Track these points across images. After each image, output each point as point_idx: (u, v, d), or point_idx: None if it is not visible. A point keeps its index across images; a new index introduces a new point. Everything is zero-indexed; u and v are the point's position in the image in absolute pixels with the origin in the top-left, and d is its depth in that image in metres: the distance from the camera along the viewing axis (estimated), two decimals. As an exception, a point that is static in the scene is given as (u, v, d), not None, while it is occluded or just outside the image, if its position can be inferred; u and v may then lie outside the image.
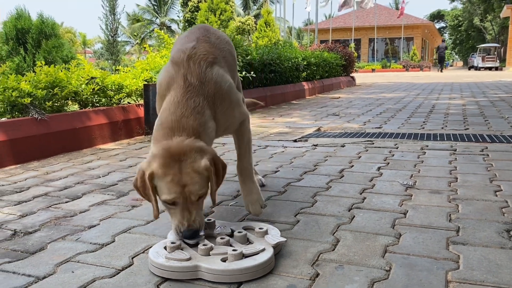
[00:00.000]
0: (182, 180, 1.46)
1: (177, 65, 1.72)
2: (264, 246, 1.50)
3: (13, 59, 7.08)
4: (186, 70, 1.70)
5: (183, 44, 1.85)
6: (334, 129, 4.68)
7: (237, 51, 6.54)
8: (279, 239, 1.54)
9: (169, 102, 1.64)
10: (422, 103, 7.56)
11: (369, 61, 44.73)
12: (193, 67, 1.71)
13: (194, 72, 1.70)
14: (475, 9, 59.31)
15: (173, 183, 1.46)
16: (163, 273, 1.40)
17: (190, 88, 1.66)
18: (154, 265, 1.43)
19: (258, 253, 1.45)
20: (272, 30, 15.03)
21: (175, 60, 1.74)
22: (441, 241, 1.65)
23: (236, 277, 1.37)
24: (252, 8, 50.51)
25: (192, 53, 1.74)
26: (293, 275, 1.40)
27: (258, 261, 1.40)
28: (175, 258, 1.42)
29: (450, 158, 3.10)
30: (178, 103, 1.62)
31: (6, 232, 1.83)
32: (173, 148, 1.49)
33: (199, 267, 1.39)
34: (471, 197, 2.18)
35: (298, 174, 2.72)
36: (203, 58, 1.74)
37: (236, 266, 1.38)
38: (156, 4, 50.06)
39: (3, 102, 3.35)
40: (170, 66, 1.75)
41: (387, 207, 2.05)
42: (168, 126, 1.58)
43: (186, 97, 1.64)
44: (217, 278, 1.37)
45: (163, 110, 1.64)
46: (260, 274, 1.39)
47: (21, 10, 7.63)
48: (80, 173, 2.85)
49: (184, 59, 1.72)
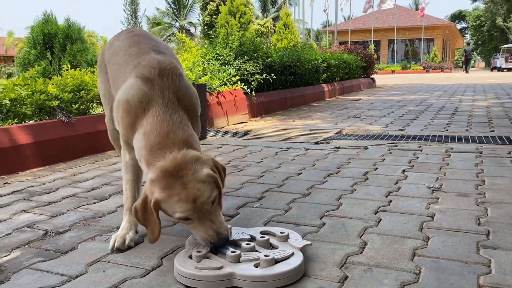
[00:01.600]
0: (189, 195, 1.42)
1: (149, 81, 1.63)
2: (292, 250, 1.49)
3: (40, 63, 7.25)
4: (161, 86, 1.62)
5: (136, 55, 1.76)
6: (356, 131, 4.65)
7: (257, 53, 6.56)
8: (304, 242, 1.54)
9: (153, 122, 1.56)
10: (445, 105, 7.45)
11: (388, 62, 44.27)
12: (167, 82, 1.64)
13: (170, 87, 1.63)
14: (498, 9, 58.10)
15: (181, 202, 1.42)
16: (195, 284, 1.37)
17: (170, 103, 1.60)
18: (184, 276, 1.39)
19: (289, 257, 1.44)
20: (291, 32, 15.04)
21: (145, 76, 1.64)
22: (471, 245, 1.63)
23: (273, 282, 1.35)
24: (270, 11, 50.56)
25: (162, 67, 1.67)
26: (322, 277, 1.40)
27: (292, 265, 1.39)
28: (207, 268, 1.38)
29: (476, 160, 3.04)
30: (163, 121, 1.56)
31: (38, 232, 1.88)
32: (169, 167, 1.44)
33: (234, 275, 1.36)
34: (500, 200, 2.14)
35: (321, 176, 2.71)
36: (173, 71, 1.68)
37: (273, 272, 1.36)
38: (175, 8, 50.56)
39: (32, 105, 3.43)
40: (139, 82, 1.63)
41: (414, 210, 2.03)
42: (157, 146, 1.52)
43: (169, 113, 1.58)
44: (254, 285, 1.34)
45: (149, 131, 1.55)
46: (296, 278, 1.39)
47: (48, 15, 7.82)
48: (106, 175, 2.90)
49: (156, 75, 1.64)
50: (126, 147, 1.75)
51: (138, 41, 1.86)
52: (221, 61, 6.19)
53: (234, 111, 5.63)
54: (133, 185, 1.80)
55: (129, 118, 1.62)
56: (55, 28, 7.62)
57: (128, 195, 1.80)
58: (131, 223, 1.74)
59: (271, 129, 4.99)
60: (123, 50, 1.85)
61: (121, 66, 1.80)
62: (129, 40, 1.89)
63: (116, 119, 1.76)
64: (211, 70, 5.80)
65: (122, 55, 1.83)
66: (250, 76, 6.17)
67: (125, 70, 1.76)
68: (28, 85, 3.52)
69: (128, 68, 1.75)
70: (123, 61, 1.80)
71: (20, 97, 3.41)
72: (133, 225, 1.74)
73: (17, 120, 3.32)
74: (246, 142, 4.07)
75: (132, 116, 1.61)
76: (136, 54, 1.77)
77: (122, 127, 1.68)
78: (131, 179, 1.80)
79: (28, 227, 1.94)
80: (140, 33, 1.97)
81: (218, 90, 5.42)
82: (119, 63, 1.82)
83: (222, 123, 5.31)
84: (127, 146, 1.74)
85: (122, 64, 1.80)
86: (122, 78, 1.76)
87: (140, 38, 1.90)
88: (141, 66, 1.69)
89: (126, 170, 1.81)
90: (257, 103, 6.33)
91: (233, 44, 6.48)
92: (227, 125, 5.37)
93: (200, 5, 29.80)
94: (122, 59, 1.82)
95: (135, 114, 1.61)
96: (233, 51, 6.33)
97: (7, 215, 2.11)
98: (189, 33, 48.65)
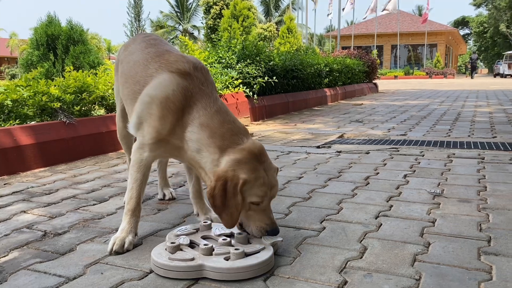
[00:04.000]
0: (270, 181, 1.53)
1: (188, 75, 1.65)
2: (263, 245, 1.54)
3: (43, 64, 7.27)
4: (199, 78, 1.66)
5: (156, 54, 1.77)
6: (358, 135, 4.64)
7: (260, 57, 6.56)
8: (275, 239, 1.59)
9: (209, 113, 1.59)
10: (447, 110, 7.43)
11: (391, 67, 44.28)
12: (202, 76, 1.68)
13: (207, 80, 1.68)
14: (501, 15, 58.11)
15: (264, 186, 1.51)
16: (167, 273, 1.43)
17: (213, 95, 1.66)
18: (158, 266, 1.46)
19: (259, 252, 1.50)
20: (294, 36, 15.06)
21: (182, 71, 1.65)
22: (472, 251, 1.61)
23: (241, 274, 1.41)
24: (273, 15, 50.66)
25: (194, 61, 1.71)
26: (321, 282, 1.39)
27: (260, 259, 1.45)
28: (179, 259, 1.45)
29: (478, 166, 3.03)
30: (219, 111, 1.61)
31: (36, 233, 1.88)
32: (255, 151, 1.53)
33: (203, 266, 1.43)
34: (501, 206, 2.13)
35: (322, 180, 2.70)
36: (203, 66, 1.73)
37: (240, 264, 1.42)
38: (179, 11, 50.72)
39: (34, 106, 3.44)
40: (176, 77, 1.64)
41: (414, 216, 2.01)
42: (229, 132, 1.56)
43: (218, 104, 1.64)
44: (222, 277, 1.41)
45: (209, 121, 1.57)
46: (263, 271, 1.45)
47: (52, 17, 7.85)
48: (106, 176, 2.90)
49: (191, 68, 1.67)
50: (153, 146, 1.67)
51: (155, 44, 1.90)
52: (224, 64, 6.20)
53: (236, 114, 5.63)
54: (141, 186, 1.74)
55: (173, 115, 1.60)
56: (58, 29, 7.65)
57: (133, 195, 1.73)
58: (132, 225, 1.72)
59: (272, 132, 4.98)
60: (139, 50, 1.88)
61: (139, 64, 1.80)
62: (145, 42, 1.93)
63: (138, 116, 1.68)
64: (213, 74, 5.80)
65: (139, 54, 1.86)
66: (252, 80, 6.17)
67: (147, 68, 1.75)
68: (30, 86, 3.52)
69: (150, 66, 1.74)
70: (140, 59, 1.81)
71: (22, 98, 3.41)
72: (133, 227, 1.72)
73: (19, 121, 3.32)
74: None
75: (177, 112, 1.59)
76: (155, 54, 1.79)
77: (160, 125, 1.61)
78: (141, 178, 1.73)
79: (27, 228, 1.94)
80: (156, 38, 2.02)
81: (220, 93, 5.42)
82: (135, 60, 1.84)
83: (223, 126, 5.30)
84: (155, 145, 1.67)
85: (138, 61, 1.81)
86: (141, 74, 1.75)
87: (157, 41, 1.94)
88: (170, 62, 1.70)
89: (139, 168, 1.72)
90: (259, 106, 6.33)
91: (235, 47, 6.49)
92: (228, 128, 5.35)
93: (204, 8, 29.88)
94: (138, 57, 1.84)
95: (180, 109, 1.60)
96: (235, 54, 6.33)
97: (7, 216, 2.11)
98: (192, 36, 48.78)
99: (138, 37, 2.06)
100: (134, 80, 1.78)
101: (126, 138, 2.23)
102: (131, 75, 1.82)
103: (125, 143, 2.25)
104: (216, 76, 5.74)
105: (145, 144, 1.69)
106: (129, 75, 1.84)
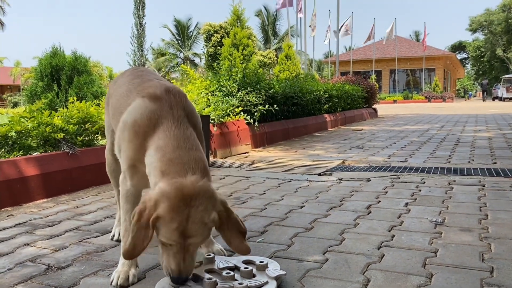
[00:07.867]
0: (187, 230, 1.36)
1: (157, 99, 1.61)
2: (267, 279, 1.56)
3: (47, 94, 7.37)
4: (170, 102, 1.61)
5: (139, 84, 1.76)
6: (359, 162, 4.66)
7: (260, 85, 6.66)
8: (279, 272, 1.60)
9: (167, 137, 1.51)
10: (447, 135, 7.47)
11: (390, 92, 44.66)
12: (174, 99, 1.62)
13: (178, 103, 1.62)
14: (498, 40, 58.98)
15: (177, 231, 1.35)
16: None
17: (180, 120, 1.58)
18: None
19: (262, 286, 1.51)
20: (293, 63, 15.26)
21: (152, 95, 1.63)
22: (474, 282, 1.61)
23: None
24: (272, 42, 51.44)
25: (168, 85, 1.69)
26: (325, 316, 1.39)
27: None
28: None
29: (479, 194, 3.04)
30: (178, 136, 1.52)
31: (40, 267, 1.88)
32: (186, 190, 1.37)
33: None
34: (503, 235, 2.13)
35: (324, 209, 2.71)
36: (179, 90, 1.68)
37: None
38: (180, 39, 51.55)
39: (37, 137, 3.48)
40: (146, 101, 1.62)
41: (417, 246, 2.02)
42: (178, 159, 1.45)
43: (181, 128, 1.55)
44: None
45: (165, 145, 1.50)
46: None
47: (57, 48, 8.01)
48: (109, 207, 2.91)
49: (163, 92, 1.63)
50: (129, 173, 1.66)
51: (142, 75, 1.90)
52: (225, 92, 6.28)
53: (237, 141, 5.67)
54: None
55: (138, 138, 1.57)
56: (62, 60, 7.79)
57: (127, 227, 1.67)
58: None
59: (274, 159, 5.01)
60: (126, 83, 1.88)
61: (123, 95, 1.81)
62: (133, 75, 1.94)
63: (117, 144, 1.70)
64: (215, 102, 5.87)
65: (125, 87, 1.85)
66: (253, 107, 6.24)
67: (128, 97, 1.75)
68: (34, 117, 3.57)
69: (131, 95, 1.74)
70: (126, 91, 1.81)
71: (26, 129, 3.46)
72: (134, 260, 1.72)
73: (22, 152, 3.35)
74: (249, 173, 4.09)
75: (142, 136, 1.56)
76: (138, 84, 1.79)
77: (129, 150, 1.60)
78: (131, 209, 1.68)
79: (30, 262, 1.94)
80: (144, 69, 2.03)
81: (221, 121, 5.48)
82: (122, 94, 1.84)
83: (225, 154, 5.34)
84: (130, 172, 1.66)
85: (124, 93, 1.81)
86: (124, 105, 1.75)
87: (144, 72, 1.95)
88: (145, 88, 1.70)
89: (126, 199, 1.72)
90: (260, 133, 6.38)
91: (236, 76, 6.59)
92: (230, 156, 5.39)
93: (204, 36, 30.40)
94: (124, 89, 1.84)
95: (145, 132, 1.56)
96: (236, 82, 6.43)
97: (10, 249, 2.11)
98: (193, 63, 49.42)
99: (127, 71, 2.08)
100: (119, 111, 1.79)
101: (115, 172, 2.18)
102: (117, 107, 1.84)
103: (114, 177, 2.20)
104: (217, 104, 5.81)
105: (125, 171, 1.68)
106: (116, 107, 1.86)
